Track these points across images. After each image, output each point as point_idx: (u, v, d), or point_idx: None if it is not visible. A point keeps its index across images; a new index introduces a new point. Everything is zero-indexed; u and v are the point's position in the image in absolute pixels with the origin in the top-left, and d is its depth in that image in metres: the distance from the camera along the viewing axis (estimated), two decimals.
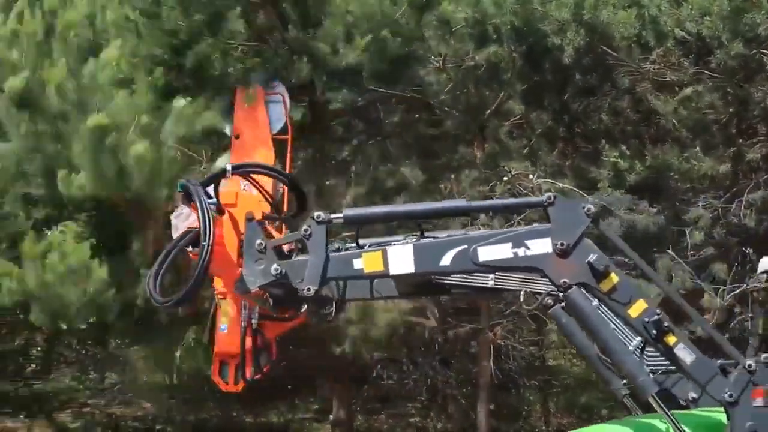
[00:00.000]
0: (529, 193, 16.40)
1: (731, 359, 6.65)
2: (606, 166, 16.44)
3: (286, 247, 7.29)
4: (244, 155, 9.72)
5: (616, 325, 6.74)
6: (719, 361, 6.63)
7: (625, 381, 6.63)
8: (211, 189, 7.35)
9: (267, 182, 8.73)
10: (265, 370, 8.42)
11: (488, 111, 17.79)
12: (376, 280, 7.51)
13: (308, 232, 6.90)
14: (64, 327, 17.28)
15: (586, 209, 6.67)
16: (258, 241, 6.99)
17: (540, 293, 6.84)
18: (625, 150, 16.78)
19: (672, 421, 6.49)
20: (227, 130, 10.14)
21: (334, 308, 7.64)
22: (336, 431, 19.13)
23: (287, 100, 10.30)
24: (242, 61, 16.81)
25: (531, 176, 16.58)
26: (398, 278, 7.31)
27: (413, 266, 6.88)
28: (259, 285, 7.02)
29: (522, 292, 7.07)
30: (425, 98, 17.89)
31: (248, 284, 7.01)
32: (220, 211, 7.28)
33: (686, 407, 7.02)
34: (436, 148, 18.58)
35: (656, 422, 6.85)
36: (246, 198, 7.46)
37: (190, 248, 7.14)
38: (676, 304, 6.89)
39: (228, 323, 8.53)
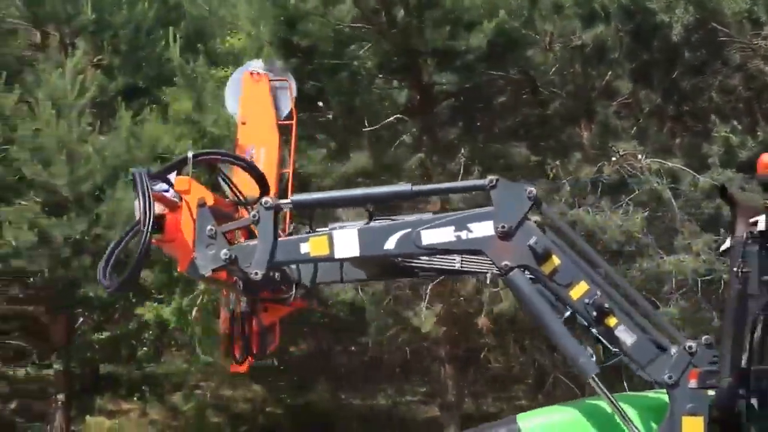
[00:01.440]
0: (638, 174, 16.28)
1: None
2: (716, 143, 16.12)
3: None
4: (249, 141, 9.84)
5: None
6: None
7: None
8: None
9: (271, 167, 9.04)
10: (269, 350, 8.56)
11: (595, 91, 17.64)
12: (346, 264, 7.64)
13: (257, 218, 6.97)
14: None
15: (528, 192, 6.62)
16: (208, 227, 7.00)
17: None
18: (737, 126, 16.43)
19: (612, 402, 6.45)
20: (236, 117, 10.24)
21: (294, 291, 7.76)
22: (444, 414, 19.15)
23: (293, 86, 10.37)
24: (348, 42, 17.13)
25: (639, 156, 16.38)
26: (363, 261, 7.45)
27: (358, 250, 6.93)
28: (211, 269, 7.02)
29: (489, 274, 7.14)
30: (532, 79, 17.83)
31: (200, 269, 7.04)
32: (179, 198, 7.23)
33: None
34: (543, 130, 18.45)
35: (624, 403, 6.69)
36: (198, 185, 7.23)
37: None
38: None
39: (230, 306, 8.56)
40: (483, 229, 6.63)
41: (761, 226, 6.43)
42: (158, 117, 18.65)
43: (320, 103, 17.26)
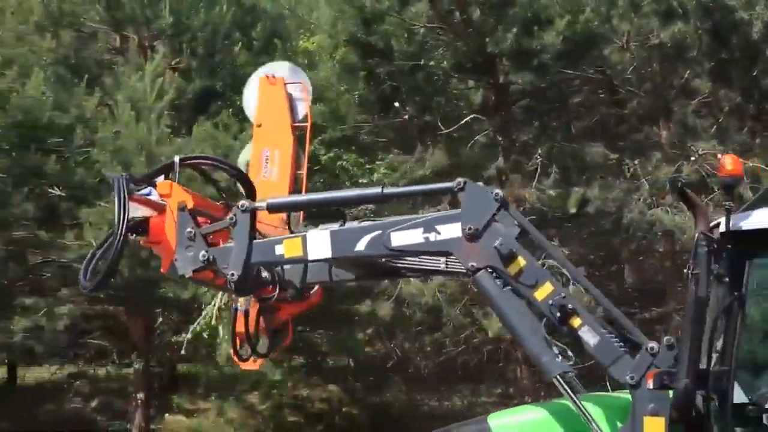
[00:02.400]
0: (717, 174, 16.04)
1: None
2: None
3: None
4: (264, 144, 9.83)
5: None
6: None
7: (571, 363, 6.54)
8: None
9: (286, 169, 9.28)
10: (283, 344, 8.77)
11: (674, 90, 17.42)
12: (335, 265, 7.77)
13: (233, 221, 7.15)
14: None
15: (494, 194, 6.62)
16: (188, 229, 7.21)
17: None
18: None
19: (574, 402, 6.41)
20: (253, 119, 10.39)
21: (276, 292, 7.85)
22: None
23: (309, 88, 10.47)
24: (424, 43, 17.16)
25: (719, 156, 16.14)
26: (351, 262, 7.60)
27: (330, 251, 7.08)
28: (190, 270, 7.22)
29: None
30: (609, 78, 17.68)
31: (179, 270, 7.25)
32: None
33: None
34: (621, 129, 18.28)
35: (590, 403, 6.64)
36: (179, 189, 7.43)
37: (132, 236, 7.35)
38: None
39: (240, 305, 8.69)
40: (451, 230, 6.71)
41: (723, 228, 6.43)
42: (234, 119, 18.81)
43: (397, 104, 17.31)
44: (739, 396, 6.47)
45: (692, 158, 16.31)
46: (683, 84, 17.27)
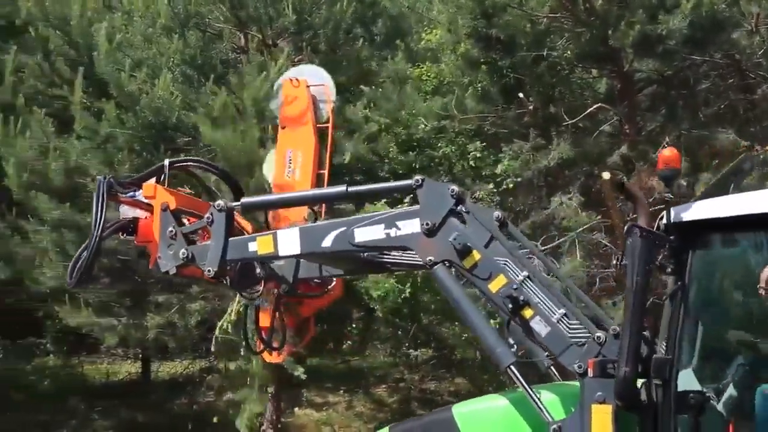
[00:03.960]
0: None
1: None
2: None
3: None
4: (288, 145, 10.16)
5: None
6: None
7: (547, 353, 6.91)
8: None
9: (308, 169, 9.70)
10: (303, 342, 9.60)
11: None
12: (325, 260, 8.26)
13: (210, 219, 7.65)
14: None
15: (450, 191, 6.94)
16: (169, 229, 7.77)
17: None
18: None
19: (527, 390, 6.57)
20: (278, 121, 10.63)
21: (261, 288, 8.47)
22: None
23: (331, 90, 10.64)
24: (546, 33, 17.02)
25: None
26: (338, 258, 8.04)
27: (299, 248, 7.45)
28: (173, 267, 7.78)
29: None
30: (738, 63, 17.27)
31: (161, 267, 7.83)
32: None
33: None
34: (751, 115, 17.84)
35: (547, 392, 6.93)
36: (162, 190, 7.95)
37: (122, 235, 8.11)
38: None
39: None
40: (410, 226, 7.02)
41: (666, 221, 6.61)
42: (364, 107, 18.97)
43: (521, 95, 17.22)
44: (683, 384, 6.56)
45: None
46: None
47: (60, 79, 17.38)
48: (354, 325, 22.76)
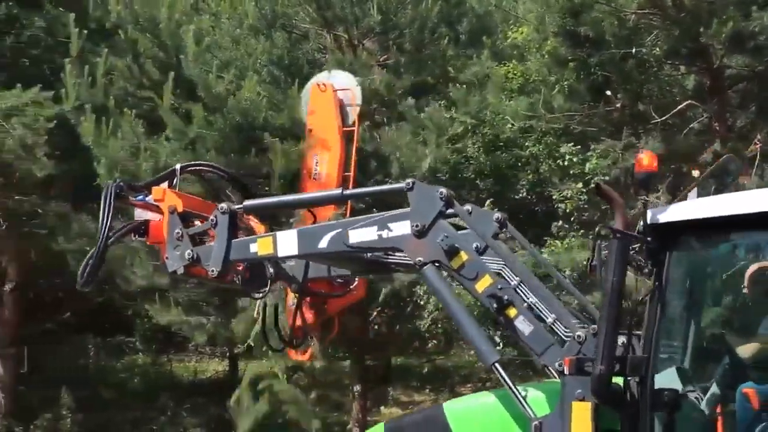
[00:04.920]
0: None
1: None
2: None
3: None
4: (315, 147, 10.68)
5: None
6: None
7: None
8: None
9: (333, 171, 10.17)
10: (327, 341, 10.00)
11: None
12: (333, 261, 8.49)
13: (214, 222, 7.93)
14: None
15: (439, 194, 7.13)
16: (176, 230, 8.05)
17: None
18: None
19: (510, 388, 6.74)
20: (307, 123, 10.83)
21: (268, 287, 8.62)
22: None
23: (358, 95, 10.84)
24: (635, 30, 16.83)
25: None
26: (345, 258, 8.19)
27: (297, 249, 7.71)
28: (181, 266, 8.05)
29: None
30: None
31: (169, 267, 8.13)
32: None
33: None
34: None
35: (534, 389, 7.09)
36: (170, 193, 8.23)
37: (134, 236, 8.41)
38: None
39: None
40: (401, 228, 7.24)
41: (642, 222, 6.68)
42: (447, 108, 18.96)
43: (608, 92, 17.07)
44: (666, 383, 6.70)
45: None
46: None
47: (149, 81, 17.60)
48: (439, 325, 22.73)
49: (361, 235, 7.40)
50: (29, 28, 19.39)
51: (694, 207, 6.67)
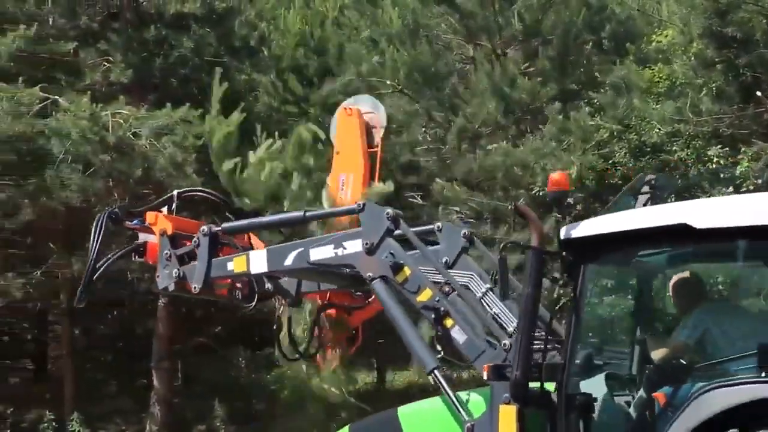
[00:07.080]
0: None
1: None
2: None
3: None
4: (341, 169, 11.18)
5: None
6: None
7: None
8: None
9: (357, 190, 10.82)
10: (350, 351, 10.77)
11: None
12: (321, 277, 8.92)
13: (197, 243, 8.71)
14: None
15: (386, 214, 7.79)
16: (165, 251, 8.84)
17: None
18: None
19: (446, 393, 7.27)
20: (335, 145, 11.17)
21: (254, 302, 9.19)
22: None
23: (382, 117, 11.56)
24: None
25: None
26: (332, 274, 8.61)
27: (266, 266, 8.41)
28: (170, 284, 8.84)
29: None
30: None
31: (159, 284, 8.96)
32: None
33: None
34: None
35: (476, 394, 7.43)
36: (162, 217, 8.96)
37: (135, 257, 9.17)
38: None
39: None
40: (354, 246, 7.89)
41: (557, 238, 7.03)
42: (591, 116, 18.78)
43: (759, 93, 16.67)
44: (587, 388, 7.00)
45: None
46: None
47: (292, 97, 17.91)
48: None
49: (320, 253, 8.06)
50: (177, 48, 19.89)
51: (603, 222, 7.04)
